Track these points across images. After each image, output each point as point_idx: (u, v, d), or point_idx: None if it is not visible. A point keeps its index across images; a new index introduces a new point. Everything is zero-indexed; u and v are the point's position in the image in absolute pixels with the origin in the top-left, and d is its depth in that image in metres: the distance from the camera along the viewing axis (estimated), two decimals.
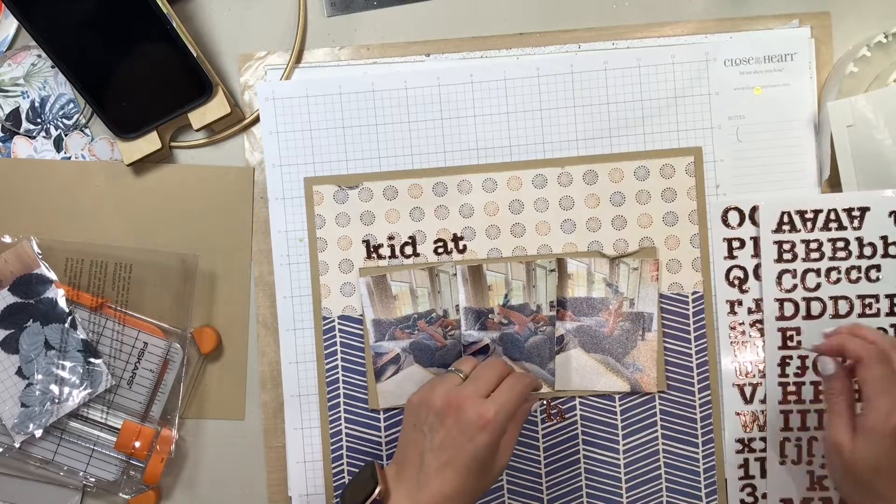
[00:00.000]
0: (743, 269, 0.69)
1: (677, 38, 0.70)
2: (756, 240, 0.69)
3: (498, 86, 0.70)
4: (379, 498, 0.58)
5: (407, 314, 0.70)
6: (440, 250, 0.70)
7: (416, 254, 0.71)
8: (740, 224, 0.69)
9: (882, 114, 0.65)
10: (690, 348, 0.70)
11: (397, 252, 0.71)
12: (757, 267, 0.69)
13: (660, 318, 0.69)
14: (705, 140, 0.70)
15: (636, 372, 0.69)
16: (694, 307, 0.70)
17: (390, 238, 0.71)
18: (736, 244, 0.69)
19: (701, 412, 0.70)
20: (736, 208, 0.69)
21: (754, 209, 0.69)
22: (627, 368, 0.69)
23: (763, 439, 0.69)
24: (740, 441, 0.69)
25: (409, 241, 0.71)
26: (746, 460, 0.69)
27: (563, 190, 0.70)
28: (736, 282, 0.69)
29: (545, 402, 0.70)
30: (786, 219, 0.68)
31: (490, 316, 0.70)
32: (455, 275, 0.70)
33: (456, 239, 0.70)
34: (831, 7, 0.70)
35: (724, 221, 0.69)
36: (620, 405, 0.70)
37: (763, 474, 0.69)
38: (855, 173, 0.66)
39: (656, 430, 0.70)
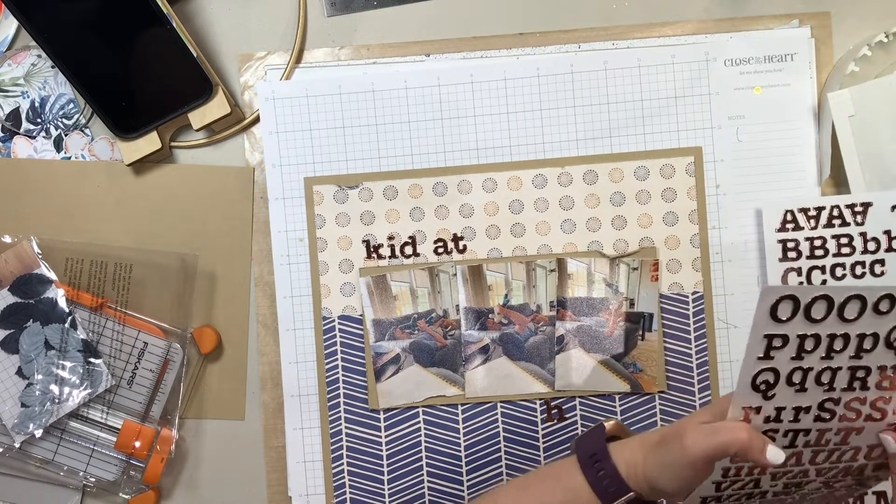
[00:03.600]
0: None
1: (677, 38, 0.70)
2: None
3: (498, 86, 0.70)
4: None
5: (407, 314, 0.70)
6: (440, 250, 0.70)
7: (416, 254, 0.71)
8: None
9: (883, 102, 0.65)
10: (690, 348, 0.70)
11: (397, 252, 0.71)
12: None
13: (660, 318, 0.69)
14: (705, 140, 0.70)
15: (636, 372, 0.69)
16: (694, 307, 0.70)
17: (390, 238, 0.71)
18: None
19: None
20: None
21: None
22: (627, 368, 0.69)
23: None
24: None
25: (409, 241, 0.71)
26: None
27: (563, 190, 0.70)
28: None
29: (545, 402, 0.70)
30: (789, 217, 0.68)
31: (490, 316, 0.70)
32: (455, 275, 0.70)
33: (456, 239, 0.70)
34: (831, 7, 0.70)
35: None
36: (620, 405, 0.70)
37: None
38: (859, 163, 0.66)
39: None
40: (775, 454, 0.49)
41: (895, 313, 0.51)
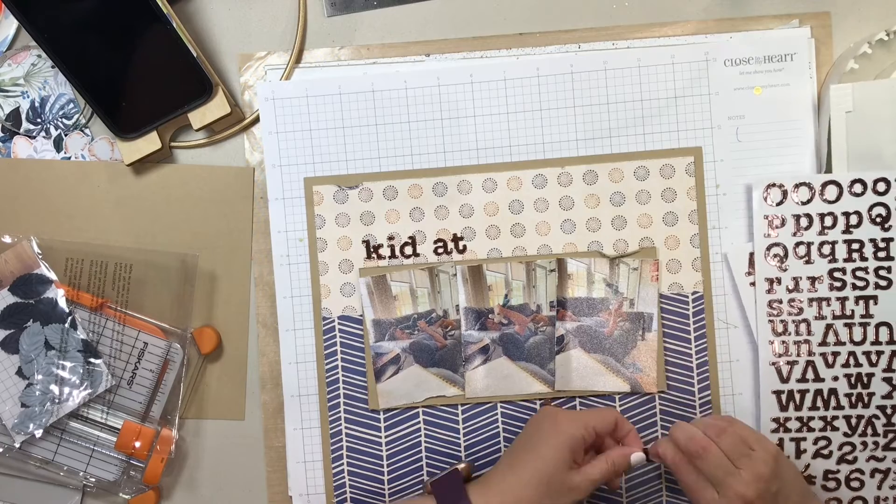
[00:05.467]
0: (783, 246, 0.68)
1: (677, 38, 0.70)
2: (798, 217, 0.67)
3: (498, 86, 0.70)
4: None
5: (407, 314, 0.70)
6: (440, 250, 0.70)
7: (416, 254, 0.71)
8: (781, 202, 0.68)
9: (885, 103, 0.65)
10: (690, 348, 0.70)
11: (397, 252, 0.71)
12: (797, 245, 0.68)
13: (660, 318, 0.69)
14: (705, 140, 0.70)
15: (636, 372, 0.69)
16: (694, 307, 0.70)
17: (390, 238, 0.71)
18: (777, 222, 0.68)
19: (701, 412, 0.70)
20: (778, 185, 0.68)
21: (796, 186, 0.67)
22: (627, 368, 0.69)
23: (799, 419, 0.68)
24: (776, 420, 0.69)
25: (409, 241, 0.71)
26: (781, 440, 0.69)
27: (563, 190, 0.70)
28: (775, 260, 0.68)
29: (545, 402, 0.70)
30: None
31: (490, 316, 0.70)
32: (455, 275, 0.70)
33: (456, 239, 0.70)
34: (831, 7, 0.70)
35: (765, 198, 0.68)
36: (620, 405, 0.70)
37: (798, 455, 0.69)
38: (847, 160, 0.66)
39: (656, 431, 0.70)
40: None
41: (869, 194, 0.66)
